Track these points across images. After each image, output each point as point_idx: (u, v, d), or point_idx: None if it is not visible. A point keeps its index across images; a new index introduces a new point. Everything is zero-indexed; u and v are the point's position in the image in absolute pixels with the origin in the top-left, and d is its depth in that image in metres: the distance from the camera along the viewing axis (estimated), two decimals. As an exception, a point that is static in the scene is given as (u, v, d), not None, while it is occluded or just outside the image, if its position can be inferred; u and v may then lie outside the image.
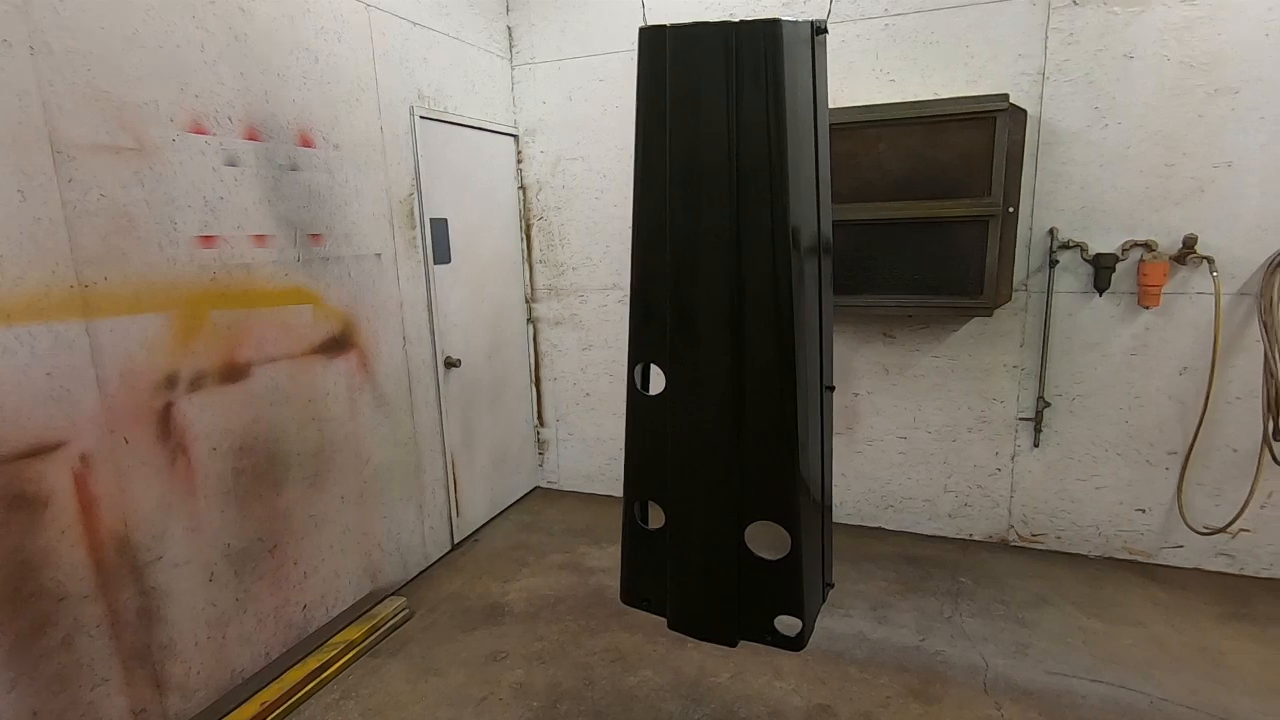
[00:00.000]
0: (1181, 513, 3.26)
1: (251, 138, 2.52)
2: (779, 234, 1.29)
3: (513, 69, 4.08)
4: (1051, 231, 3.24)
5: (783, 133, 1.27)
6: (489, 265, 3.98)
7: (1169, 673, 2.61)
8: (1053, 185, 3.22)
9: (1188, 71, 2.94)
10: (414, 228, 3.35)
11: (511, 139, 4.12)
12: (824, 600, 1.75)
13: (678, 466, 1.54)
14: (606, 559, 3.62)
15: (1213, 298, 3.03)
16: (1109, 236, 3.16)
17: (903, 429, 3.67)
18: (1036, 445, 3.45)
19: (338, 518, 2.96)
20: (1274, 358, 2.93)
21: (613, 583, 3.37)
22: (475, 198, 3.82)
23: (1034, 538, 3.56)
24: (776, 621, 1.59)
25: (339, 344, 2.94)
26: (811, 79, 1.37)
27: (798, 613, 1.56)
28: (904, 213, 3.18)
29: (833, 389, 1.57)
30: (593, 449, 4.41)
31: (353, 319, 3.01)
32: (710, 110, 1.34)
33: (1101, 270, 3.17)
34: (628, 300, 4.27)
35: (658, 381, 1.55)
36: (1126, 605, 3.05)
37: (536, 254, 4.29)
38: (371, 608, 3.10)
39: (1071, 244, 3.22)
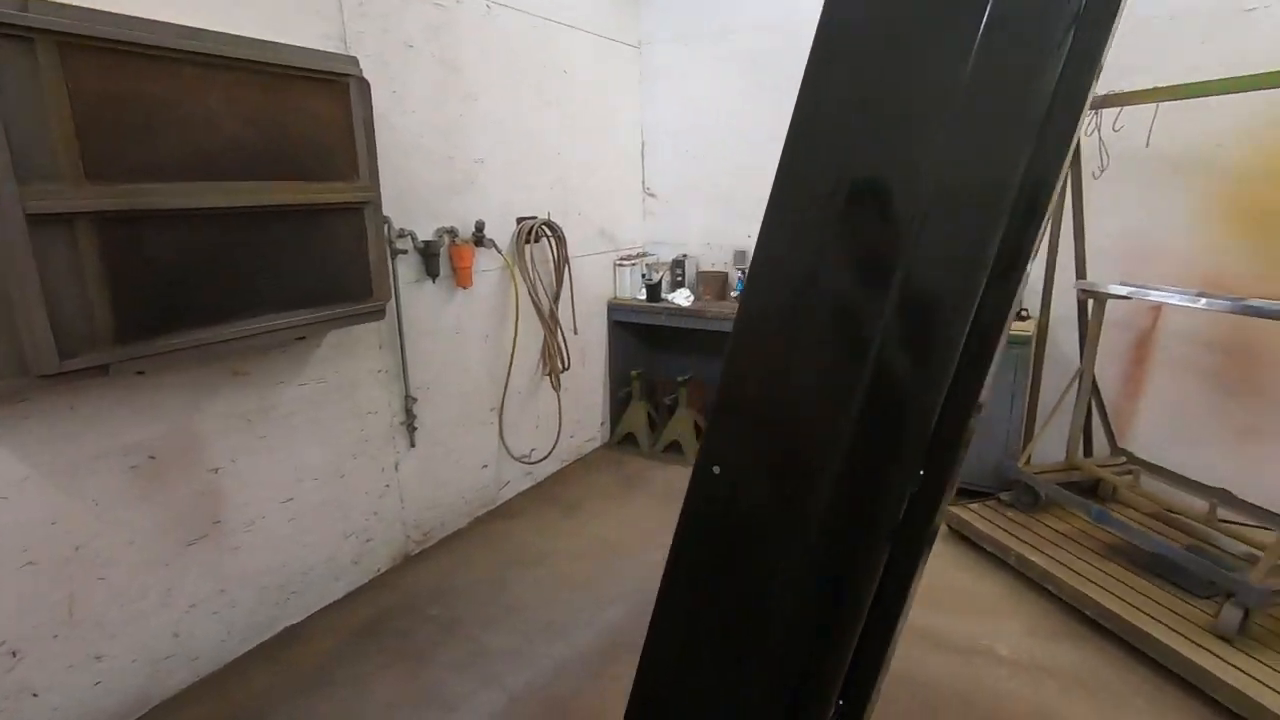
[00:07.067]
0: (509, 454, 3.85)
1: None
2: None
3: None
4: (387, 220, 2.99)
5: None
6: None
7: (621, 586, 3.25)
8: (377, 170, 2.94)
9: (449, 72, 3.21)
10: None
11: None
12: None
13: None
14: None
15: (500, 270, 3.59)
16: (427, 224, 3.20)
17: (285, 490, 2.74)
18: (413, 445, 3.28)
19: None
20: (537, 298, 3.77)
21: None
22: None
23: (426, 536, 3.44)
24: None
25: None
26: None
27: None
28: (264, 198, 2.29)
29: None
30: None
31: None
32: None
33: (429, 257, 3.20)
34: None
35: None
36: (548, 558, 3.47)
37: None
38: None
39: (404, 233, 3.08)
